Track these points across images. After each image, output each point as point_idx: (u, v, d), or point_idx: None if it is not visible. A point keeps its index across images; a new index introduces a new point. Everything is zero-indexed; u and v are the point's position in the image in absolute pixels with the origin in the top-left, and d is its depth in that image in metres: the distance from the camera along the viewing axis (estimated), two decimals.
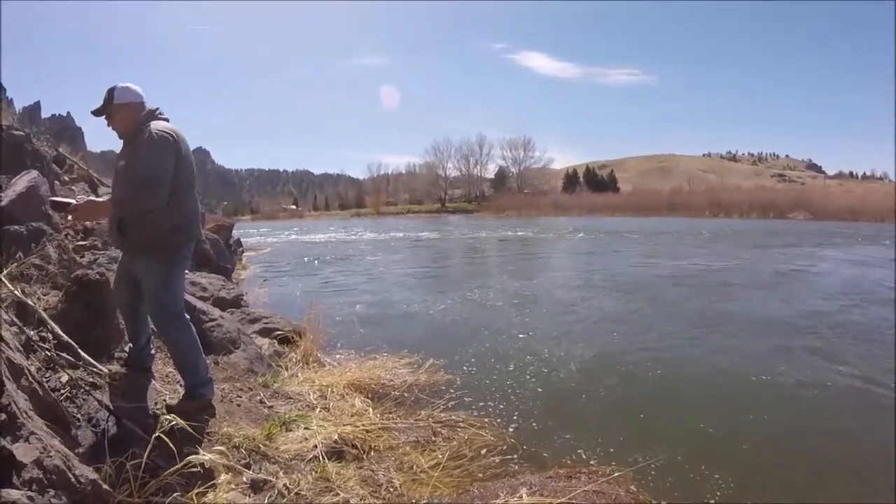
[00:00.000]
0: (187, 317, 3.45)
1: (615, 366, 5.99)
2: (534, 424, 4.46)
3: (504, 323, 8.05)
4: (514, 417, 4.60)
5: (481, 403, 4.88)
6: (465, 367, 5.86)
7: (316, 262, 18.20)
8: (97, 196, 6.08)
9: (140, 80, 3.37)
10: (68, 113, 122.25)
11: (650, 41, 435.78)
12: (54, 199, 3.84)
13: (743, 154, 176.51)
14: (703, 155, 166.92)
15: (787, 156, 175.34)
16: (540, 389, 5.30)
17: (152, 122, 3.22)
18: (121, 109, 3.26)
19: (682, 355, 6.41)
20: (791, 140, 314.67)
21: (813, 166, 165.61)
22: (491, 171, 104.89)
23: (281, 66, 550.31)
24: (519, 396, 5.11)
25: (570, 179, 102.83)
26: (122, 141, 3.35)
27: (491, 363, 6.06)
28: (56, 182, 8.05)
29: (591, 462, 3.79)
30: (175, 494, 2.46)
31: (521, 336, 7.27)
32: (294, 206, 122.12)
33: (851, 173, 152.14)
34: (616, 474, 3.50)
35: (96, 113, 3.31)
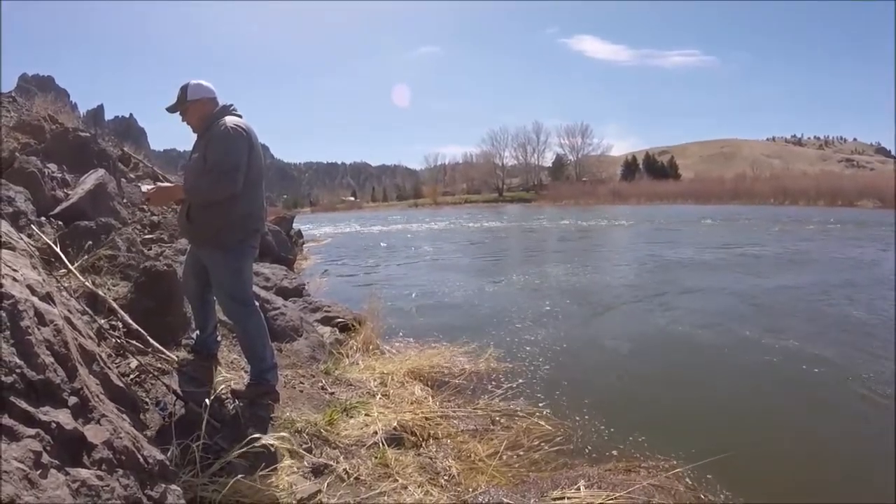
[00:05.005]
0: (256, 304, 3.52)
1: (676, 360, 5.87)
2: (592, 416, 4.37)
3: (562, 313, 7.94)
4: (573, 408, 4.52)
5: (539, 393, 4.82)
6: (523, 357, 5.80)
7: (374, 252, 18.43)
8: None
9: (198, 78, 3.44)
10: (131, 114, 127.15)
11: (706, 20, 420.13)
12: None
13: (809, 138, 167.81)
14: (767, 139, 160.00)
15: (854, 139, 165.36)
16: (598, 381, 5.21)
17: (226, 117, 3.29)
18: (194, 105, 3.35)
19: (747, 353, 6.09)
20: (859, 122, 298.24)
21: (882, 150, 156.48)
22: (548, 160, 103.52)
23: (336, 61, 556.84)
24: (577, 387, 5.02)
25: (630, 167, 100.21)
26: (195, 136, 3.45)
27: (549, 353, 5.98)
28: (122, 179, 8.35)
29: (650, 456, 3.70)
30: (239, 476, 2.51)
31: (579, 327, 7.17)
32: (352, 198, 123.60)
33: None
34: (675, 469, 3.42)
35: (171, 110, 3.40)
